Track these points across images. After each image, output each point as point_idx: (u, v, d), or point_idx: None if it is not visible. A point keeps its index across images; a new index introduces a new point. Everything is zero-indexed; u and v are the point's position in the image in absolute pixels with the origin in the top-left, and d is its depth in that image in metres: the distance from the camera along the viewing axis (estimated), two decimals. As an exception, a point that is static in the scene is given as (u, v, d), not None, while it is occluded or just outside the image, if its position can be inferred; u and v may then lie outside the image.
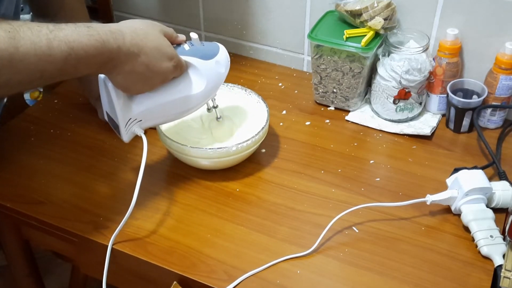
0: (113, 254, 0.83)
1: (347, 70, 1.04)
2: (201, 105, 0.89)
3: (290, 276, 0.78)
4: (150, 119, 0.86)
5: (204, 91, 0.86)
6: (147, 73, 0.79)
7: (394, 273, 0.78)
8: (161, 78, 0.81)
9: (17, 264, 1.09)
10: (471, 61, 1.04)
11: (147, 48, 0.77)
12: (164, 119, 0.89)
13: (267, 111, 0.95)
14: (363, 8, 1.00)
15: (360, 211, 0.86)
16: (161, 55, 0.79)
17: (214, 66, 0.87)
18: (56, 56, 0.69)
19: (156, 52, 0.78)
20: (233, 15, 1.23)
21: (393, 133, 1.03)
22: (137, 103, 0.83)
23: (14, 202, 0.90)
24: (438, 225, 0.85)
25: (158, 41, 0.79)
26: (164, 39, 0.80)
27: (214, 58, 0.87)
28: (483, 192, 0.84)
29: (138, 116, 0.84)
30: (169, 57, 0.80)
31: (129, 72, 0.77)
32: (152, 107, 0.84)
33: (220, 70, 0.88)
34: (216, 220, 0.87)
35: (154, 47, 0.78)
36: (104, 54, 0.73)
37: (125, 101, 0.82)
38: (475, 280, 0.77)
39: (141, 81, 0.80)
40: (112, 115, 0.85)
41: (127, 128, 0.84)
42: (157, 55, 0.78)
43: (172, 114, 0.88)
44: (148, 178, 0.94)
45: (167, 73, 0.81)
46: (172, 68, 0.81)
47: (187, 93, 0.85)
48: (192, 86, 0.85)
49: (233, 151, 0.89)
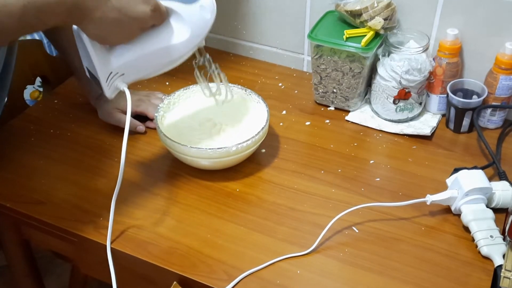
0: (113, 255, 0.83)
1: (347, 70, 1.04)
2: (186, 55, 0.83)
3: (290, 276, 0.78)
4: (133, 73, 0.81)
5: (188, 39, 0.80)
6: (121, 19, 0.73)
7: (394, 273, 0.78)
8: (139, 25, 0.76)
9: (17, 264, 1.09)
10: (471, 61, 1.04)
11: None
12: (148, 71, 0.83)
13: (267, 111, 0.95)
14: (363, 8, 1.00)
15: (360, 211, 0.86)
16: None
17: (199, 11, 0.80)
18: (11, 6, 0.65)
19: None
20: (233, 15, 1.23)
21: (393, 133, 1.03)
22: (116, 55, 0.79)
23: (14, 202, 0.90)
24: (438, 225, 0.85)
25: None
26: None
27: (198, 2, 0.80)
28: (483, 192, 0.84)
29: (120, 70, 0.80)
30: (144, 0, 0.74)
31: (100, 19, 0.72)
32: (133, 59, 0.79)
33: (206, 15, 0.81)
34: (216, 220, 0.87)
35: None
36: (67, 1, 0.69)
37: (104, 54, 0.78)
38: (475, 280, 0.77)
39: (116, 29, 0.74)
40: (92, 70, 0.80)
41: (108, 83, 0.80)
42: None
43: (155, 66, 0.82)
44: (148, 178, 0.94)
45: (145, 19, 0.75)
46: (150, 13, 0.75)
47: (170, 42, 0.80)
48: (174, 34, 0.80)
49: (233, 151, 0.89)
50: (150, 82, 1.14)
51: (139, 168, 0.97)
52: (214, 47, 1.30)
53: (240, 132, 0.96)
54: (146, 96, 1.06)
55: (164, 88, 1.12)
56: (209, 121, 0.99)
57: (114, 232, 0.85)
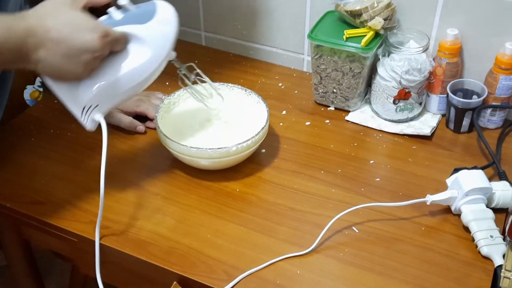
0: (113, 254, 0.83)
1: (347, 70, 1.04)
2: (157, 73, 0.81)
3: (290, 275, 0.78)
4: (107, 101, 0.80)
5: (151, 58, 0.78)
6: (69, 53, 0.71)
7: (394, 273, 0.78)
8: (91, 55, 0.73)
9: (17, 264, 1.09)
10: (471, 61, 1.04)
11: (57, 25, 0.70)
12: (122, 97, 0.81)
13: (267, 111, 0.95)
14: (363, 8, 1.00)
15: (360, 211, 0.86)
16: (77, 28, 0.71)
17: (156, 27, 0.78)
18: None
19: (69, 27, 0.71)
20: (233, 15, 1.23)
21: (393, 133, 1.03)
22: (84, 89, 0.77)
23: (14, 202, 0.90)
24: (438, 225, 0.85)
25: (69, 15, 0.72)
26: (78, 11, 0.73)
27: (154, 18, 0.77)
28: (483, 192, 0.84)
29: (92, 102, 0.78)
30: (89, 28, 0.72)
31: (46, 57, 0.71)
32: (101, 89, 0.78)
33: (165, 29, 0.78)
34: (216, 220, 0.87)
35: (66, 23, 0.71)
36: (9, 44, 0.68)
37: (71, 90, 0.77)
38: (475, 280, 0.77)
39: (68, 64, 0.72)
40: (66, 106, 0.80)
41: (84, 117, 0.80)
42: (72, 30, 0.71)
43: (128, 90, 0.80)
44: (148, 178, 0.94)
45: (95, 48, 0.72)
46: (99, 40, 0.72)
47: (133, 65, 0.78)
48: (136, 56, 0.78)
49: (233, 151, 0.89)
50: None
51: (139, 168, 0.97)
52: (214, 47, 1.30)
53: (240, 132, 0.96)
54: (146, 96, 1.06)
55: (164, 88, 1.12)
56: (209, 121, 0.99)
57: (114, 232, 0.85)
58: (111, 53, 0.77)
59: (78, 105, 0.79)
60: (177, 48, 1.31)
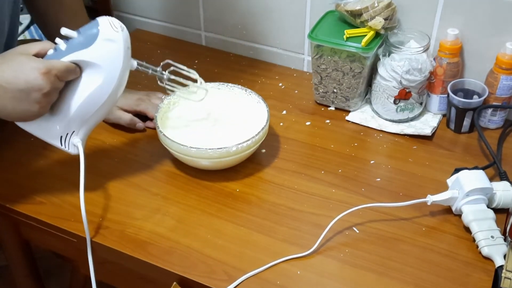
0: (113, 254, 0.83)
1: (348, 70, 1.04)
2: (122, 86, 0.81)
3: (290, 276, 0.78)
4: (82, 126, 0.82)
5: (107, 77, 0.79)
6: (16, 95, 0.73)
7: (395, 274, 0.78)
8: (39, 93, 0.73)
9: (17, 265, 1.09)
10: (471, 61, 1.04)
11: (2, 71, 0.72)
12: (95, 119, 0.83)
13: (267, 111, 0.95)
14: (364, 8, 1.00)
15: (361, 211, 0.85)
16: (20, 70, 0.72)
17: (101, 46, 0.77)
18: None
19: (12, 71, 0.72)
20: (233, 15, 1.23)
21: (394, 133, 1.03)
22: (53, 122, 0.80)
23: (14, 202, 0.90)
24: (439, 226, 0.85)
25: (14, 61, 0.73)
26: (24, 56, 0.74)
27: (98, 39, 0.77)
28: (483, 193, 0.84)
29: (67, 130, 0.81)
30: (31, 68, 0.73)
31: (0, 104, 0.73)
32: (69, 118, 0.80)
33: (110, 46, 0.78)
34: (216, 220, 0.87)
35: (9, 67, 0.73)
36: None
37: (40, 126, 0.80)
38: (476, 281, 0.77)
39: (21, 105, 0.74)
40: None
41: (64, 145, 0.82)
42: (15, 73, 0.72)
43: (97, 112, 0.81)
44: (148, 178, 0.94)
45: (41, 85, 0.73)
46: (43, 77, 0.73)
47: (91, 89, 0.79)
48: (91, 80, 0.78)
49: (233, 151, 0.89)
50: (150, 82, 1.14)
51: (139, 168, 0.96)
52: (214, 47, 1.30)
53: (240, 132, 0.96)
54: (147, 95, 1.06)
55: (164, 89, 1.11)
56: (209, 121, 0.99)
57: (113, 232, 0.85)
58: (69, 83, 0.79)
59: (54, 137, 0.81)
60: (177, 48, 1.32)
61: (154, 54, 1.27)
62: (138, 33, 1.36)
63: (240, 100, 1.01)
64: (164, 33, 1.35)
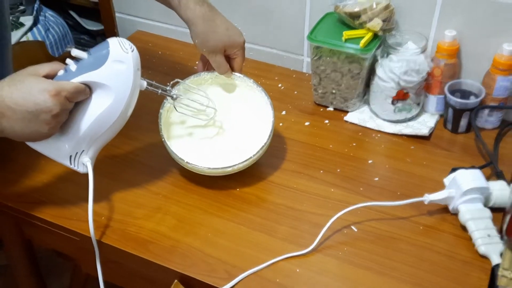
0: (114, 253, 0.84)
1: (346, 71, 1.05)
2: (131, 106, 0.82)
3: (290, 274, 0.79)
4: (90, 145, 0.83)
5: (116, 98, 0.79)
6: (26, 117, 0.73)
7: (393, 272, 0.79)
8: (49, 114, 0.74)
9: (18, 264, 1.09)
10: (469, 62, 1.05)
11: (12, 93, 0.72)
12: (105, 138, 0.83)
13: (272, 121, 0.92)
14: (362, 10, 1.01)
15: (359, 210, 0.86)
16: (29, 92, 0.73)
17: (111, 68, 0.78)
18: None
19: (21, 93, 0.73)
20: (233, 16, 1.24)
21: (392, 134, 1.04)
22: (62, 142, 0.81)
23: (15, 202, 0.91)
24: (436, 225, 0.86)
25: (24, 82, 0.74)
26: (33, 77, 0.75)
27: (108, 60, 0.78)
28: (480, 192, 0.85)
29: (76, 150, 0.82)
30: (40, 90, 0.73)
31: (8, 124, 0.74)
32: (79, 137, 0.80)
33: (120, 67, 0.78)
34: (216, 220, 0.87)
35: (19, 89, 0.73)
36: None
37: (50, 146, 0.81)
38: (473, 279, 0.78)
39: (30, 126, 0.74)
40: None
41: (73, 164, 0.83)
42: (24, 95, 0.72)
43: (106, 132, 0.82)
44: (148, 178, 0.95)
45: (50, 107, 0.73)
46: (53, 99, 0.73)
47: (100, 110, 0.79)
48: (101, 101, 0.79)
49: (230, 170, 0.89)
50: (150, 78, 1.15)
51: (140, 168, 0.97)
52: (214, 48, 1.30)
53: (243, 141, 0.96)
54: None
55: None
56: (213, 129, 0.98)
57: (115, 231, 0.85)
58: (79, 103, 0.79)
59: (63, 156, 0.82)
60: (178, 50, 1.32)
61: (155, 55, 1.28)
62: (139, 35, 1.36)
63: (248, 99, 0.98)
64: (165, 34, 1.35)
